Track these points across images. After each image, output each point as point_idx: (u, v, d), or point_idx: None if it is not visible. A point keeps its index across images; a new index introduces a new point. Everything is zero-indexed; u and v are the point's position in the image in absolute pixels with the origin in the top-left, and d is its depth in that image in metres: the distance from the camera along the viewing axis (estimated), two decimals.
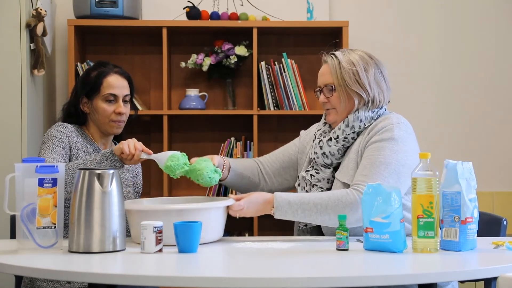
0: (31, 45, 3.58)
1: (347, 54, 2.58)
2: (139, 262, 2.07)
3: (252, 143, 3.96)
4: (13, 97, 3.52)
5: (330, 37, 4.13)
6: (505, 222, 2.58)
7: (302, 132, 2.83)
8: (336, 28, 3.96)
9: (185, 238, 2.15)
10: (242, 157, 3.94)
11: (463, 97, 4.23)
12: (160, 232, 2.15)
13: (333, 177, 2.57)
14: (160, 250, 2.16)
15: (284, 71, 3.96)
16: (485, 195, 4.13)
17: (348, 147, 2.57)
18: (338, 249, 2.20)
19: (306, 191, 2.58)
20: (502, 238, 2.46)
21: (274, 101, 3.97)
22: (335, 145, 2.56)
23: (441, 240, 2.16)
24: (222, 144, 4.00)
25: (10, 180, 2.18)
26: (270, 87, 3.96)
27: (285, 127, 4.19)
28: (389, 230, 2.13)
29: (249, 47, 3.97)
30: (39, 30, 3.58)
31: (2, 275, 3.14)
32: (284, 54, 3.97)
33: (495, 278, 2.29)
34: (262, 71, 3.96)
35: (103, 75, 2.72)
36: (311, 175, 2.59)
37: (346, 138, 2.56)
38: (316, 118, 4.07)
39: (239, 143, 3.97)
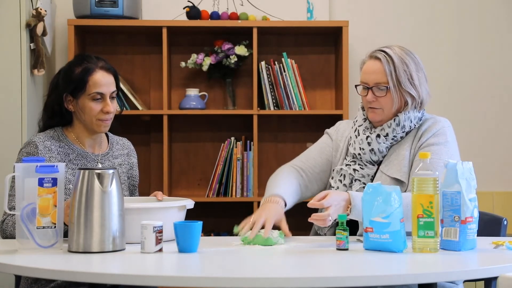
0: (31, 45, 3.58)
1: (397, 52, 2.53)
2: (139, 262, 2.07)
3: (252, 143, 3.95)
4: (13, 97, 3.52)
5: (330, 37, 4.13)
6: (505, 222, 2.58)
7: (329, 131, 2.76)
8: (336, 28, 3.96)
9: (185, 238, 2.15)
10: (242, 157, 3.94)
11: (463, 97, 4.23)
12: (160, 232, 2.15)
13: (375, 172, 2.57)
14: (160, 250, 2.16)
15: (284, 71, 3.96)
16: (485, 195, 4.13)
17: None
18: (338, 249, 2.20)
19: (344, 185, 2.57)
20: (502, 238, 2.46)
21: (274, 101, 3.97)
22: (384, 142, 2.56)
23: (441, 240, 2.16)
24: (222, 144, 3.99)
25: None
26: (270, 87, 3.96)
27: (285, 127, 4.19)
28: (389, 230, 2.13)
29: (249, 47, 3.97)
30: (39, 30, 3.58)
31: (2, 275, 3.14)
32: (284, 54, 3.97)
33: (495, 278, 2.29)
34: (262, 71, 3.96)
35: (89, 72, 2.57)
36: (354, 169, 2.57)
37: (395, 137, 2.56)
38: (316, 118, 4.09)
39: (239, 143, 3.97)
